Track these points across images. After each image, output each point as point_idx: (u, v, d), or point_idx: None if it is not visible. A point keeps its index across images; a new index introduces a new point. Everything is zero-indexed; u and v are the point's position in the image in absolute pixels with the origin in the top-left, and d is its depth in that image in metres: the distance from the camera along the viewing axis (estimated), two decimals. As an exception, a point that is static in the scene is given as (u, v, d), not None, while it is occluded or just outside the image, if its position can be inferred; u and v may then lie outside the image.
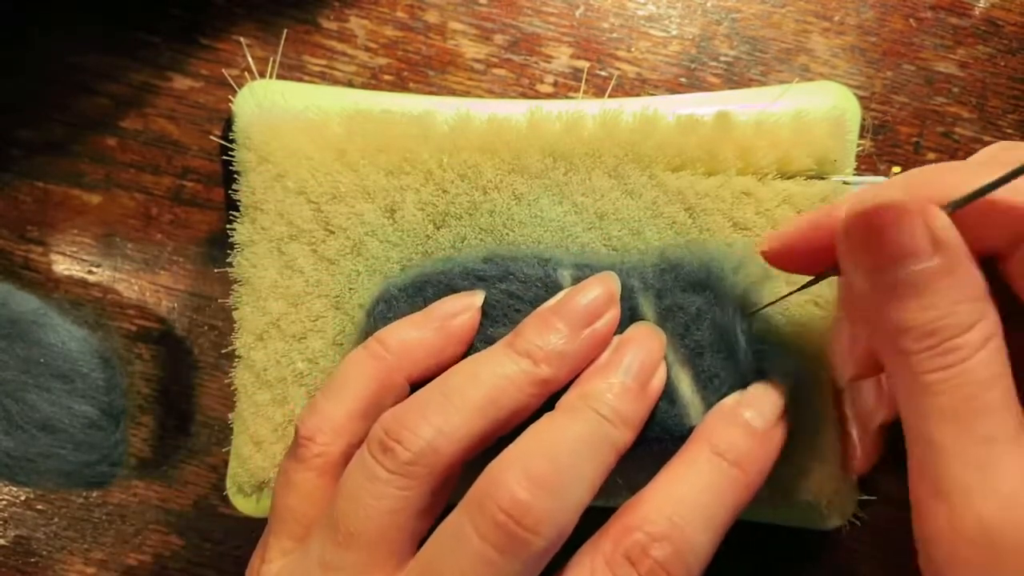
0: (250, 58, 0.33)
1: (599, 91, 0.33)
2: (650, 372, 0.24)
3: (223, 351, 0.33)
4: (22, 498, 0.34)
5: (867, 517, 0.31)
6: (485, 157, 0.29)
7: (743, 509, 0.22)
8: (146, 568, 0.34)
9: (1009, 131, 0.33)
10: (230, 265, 0.30)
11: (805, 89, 0.31)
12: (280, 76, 0.33)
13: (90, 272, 0.34)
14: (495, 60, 0.33)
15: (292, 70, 0.33)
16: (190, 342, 0.34)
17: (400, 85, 0.33)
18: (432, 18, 0.33)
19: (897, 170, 0.33)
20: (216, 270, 0.33)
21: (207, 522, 0.34)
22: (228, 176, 0.31)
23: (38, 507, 0.34)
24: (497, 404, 0.22)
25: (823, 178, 0.29)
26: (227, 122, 0.32)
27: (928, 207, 0.18)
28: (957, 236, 0.18)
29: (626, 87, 0.33)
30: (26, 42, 0.34)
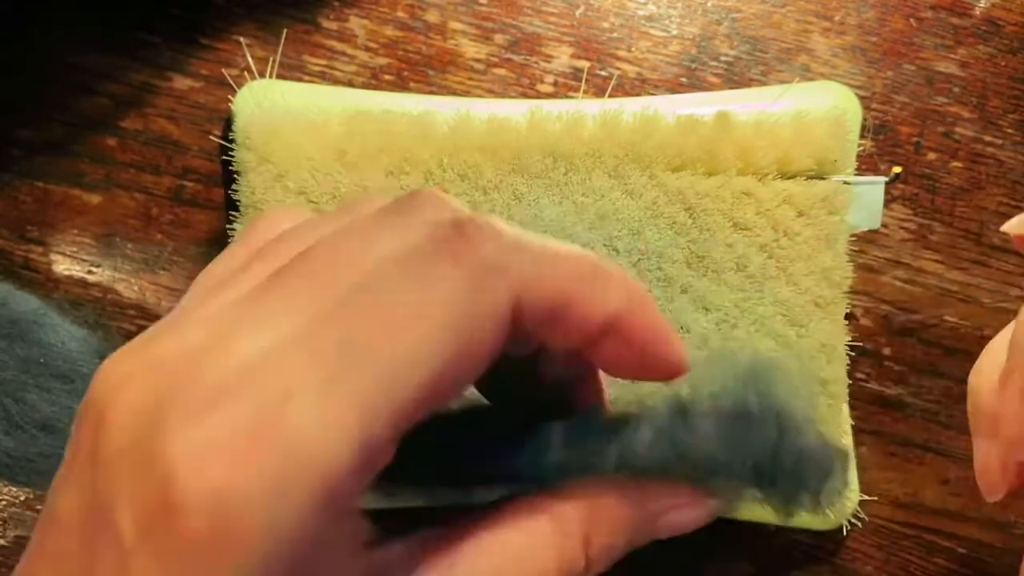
0: (250, 58, 0.33)
1: (599, 91, 0.33)
2: None
3: (223, 351, 0.33)
4: (22, 498, 0.34)
5: (867, 517, 0.31)
6: (485, 157, 0.29)
7: None
8: (146, 568, 0.34)
9: (1010, 131, 0.33)
10: (230, 265, 0.30)
11: (805, 89, 0.31)
12: (280, 76, 0.33)
13: (90, 272, 0.34)
14: (495, 60, 0.33)
15: (292, 70, 0.33)
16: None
17: (400, 85, 0.33)
18: (432, 18, 0.33)
19: (897, 170, 0.33)
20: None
21: (207, 522, 0.34)
22: (228, 176, 0.31)
23: (38, 507, 0.34)
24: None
25: (823, 178, 0.29)
26: (227, 122, 0.32)
27: None
28: None
29: (626, 87, 0.33)
30: (26, 42, 0.34)
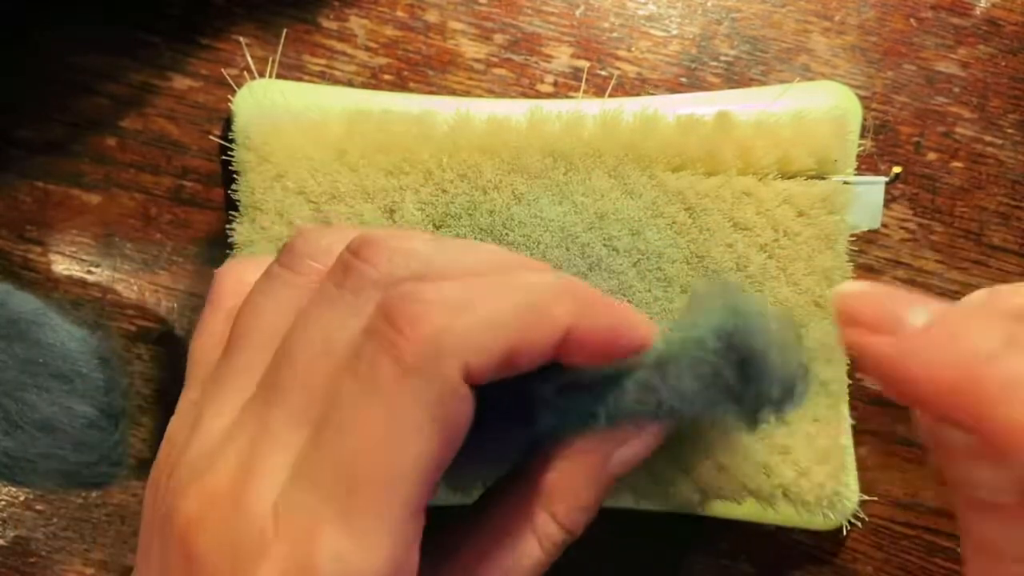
0: (250, 58, 0.33)
1: (599, 91, 0.33)
2: None
3: (223, 351, 0.33)
4: (21, 498, 0.34)
5: (867, 517, 0.31)
6: (485, 157, 0.29)
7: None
8: (146, 568, 0.34)
9: (1010, 131, 0.33)
10: (230, 265, 0.30)
11: (806, 89, 0.31)
12: (280, 76, 0.33)
13: (89, 272, 0.34)
14: (495, 60, 0.33)
15: (292, 70, 0.33)
16: (190, 342, 0.34)
17: (400, 85, 0.33)
18: (432, 18, 0.33)
19: (897, 170, 0.33)
20: (216, 270, 0.33)
21: (207, 522, 0.34)
22: (228, 176, 0.31)
23: (38, 507, 0.34)
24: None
25: (824, 178, 0.29)
26: (226, 122, 0.32)
27: None
28: None
29: (626, 87, 0.33)
30: (26, 42, 0.34)
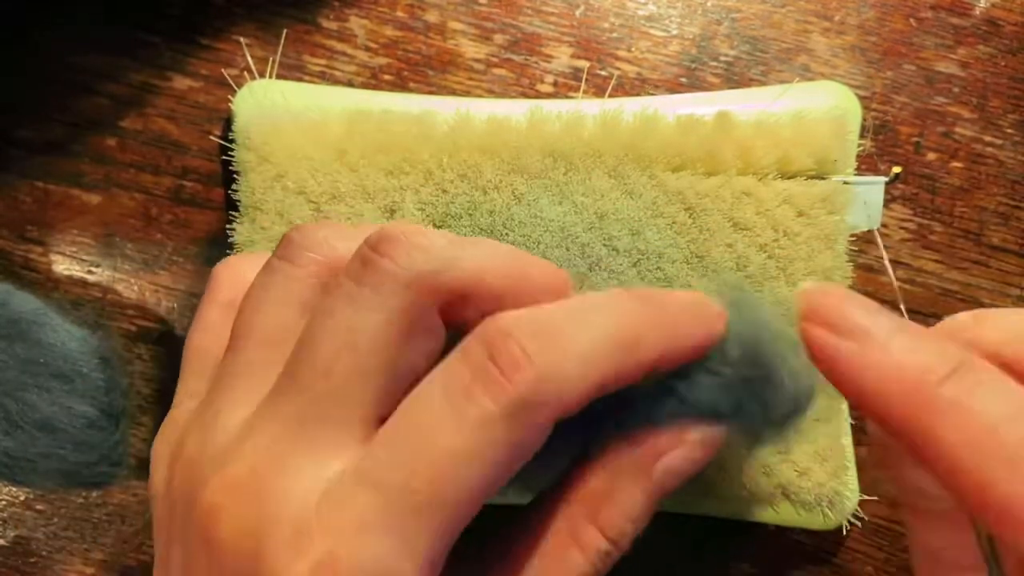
0: (250, 58, 0.33)
1: (599, 91, 0.33)
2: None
3: (223, 351, 0.33)
4: (22, 498, 0.34)
5: (867, 517, 0.31)
6: (485, 157, 0.29)
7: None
8: (146, 568, 0.34)
9: (1010, 131, 0.33)
10: (230, 265, 0.30)
11: (806, 89, 0.31)
12: (280, 76, 0.33)
13: (90, 272, 0.34)
14: (495, 60, 0.33)
15: (292, 70, 0.33)
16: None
17: (400, 85, 0.33)
18: (432, 18, 0.33)
19: (897, 170, 0.33)
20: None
21: (207, 522, 0.34)
22: (228, 176, 0.31)
23: (38, 507, 0.34)
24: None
25: (823, 178, 0.29)
26: (227, 122, 0.32)
27: None
28: None
29: (626, 87, 0.33)
30: (26, 42, 0.34)
